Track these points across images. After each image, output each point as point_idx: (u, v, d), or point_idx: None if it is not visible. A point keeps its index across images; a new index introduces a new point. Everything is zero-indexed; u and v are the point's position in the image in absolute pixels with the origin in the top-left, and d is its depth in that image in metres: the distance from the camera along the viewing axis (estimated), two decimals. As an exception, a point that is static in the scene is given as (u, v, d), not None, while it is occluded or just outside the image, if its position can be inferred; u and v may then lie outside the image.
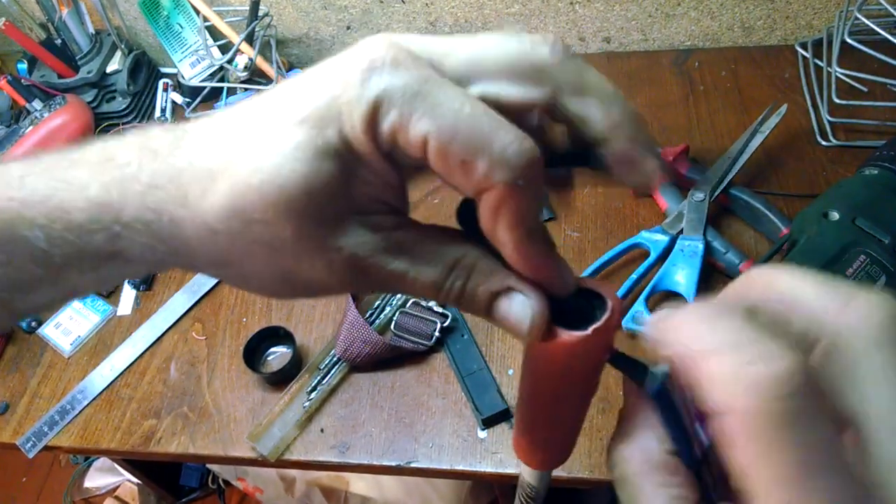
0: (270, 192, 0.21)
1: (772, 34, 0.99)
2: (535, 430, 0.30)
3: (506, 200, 0.21)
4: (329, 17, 1.07)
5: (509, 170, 0.21)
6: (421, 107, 0.21)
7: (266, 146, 0.21)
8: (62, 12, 1.00)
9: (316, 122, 0.21)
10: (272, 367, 0.79)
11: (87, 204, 0.23)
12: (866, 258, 0.62)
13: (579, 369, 0.25)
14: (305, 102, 0.22)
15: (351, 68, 0.21)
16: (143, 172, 0.23)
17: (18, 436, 0.78)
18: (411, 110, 0.21)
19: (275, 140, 0.21)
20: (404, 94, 0.21)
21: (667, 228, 0.77)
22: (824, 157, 0.85)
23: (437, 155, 0.21)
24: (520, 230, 0.22)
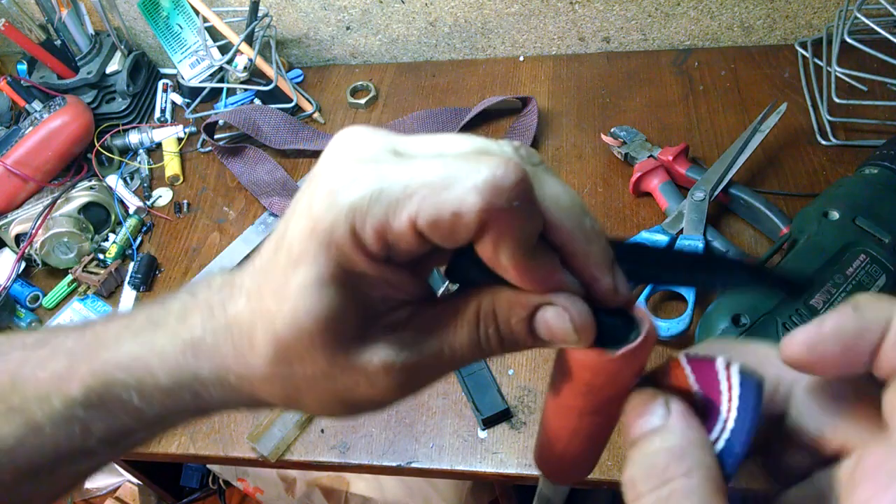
0: (294, 335, 0.23)
1: (771, 33, 0.99)
2: (558, 444, 0.30)
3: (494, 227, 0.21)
4: (328, 18, 1.07)
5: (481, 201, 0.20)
6: (392, 200, 0.21)
7: (279, 294, 0.23)
8: (62, 13, 1.00)
9: (308, 259, 0.22)
10: (272, 367, 0.79)
11: (170, 369, 0.26)
12: (866, 257, 0.62)
13: (606, 389, 0.25)
14: (294, 242, 0.23)
15: (317, 195, 0.22)
16: (207, 333, 0.25)
17: (19, 437, 0.78)
18: (384, 209, 0.21)
19: (283, 287, 0.23)
20: (371, 198, 0.21)
21: (667, 228, 0.77)
22: (824, 156, 0.85)
23: (431, 230, 0.21)
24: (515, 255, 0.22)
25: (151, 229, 0.96)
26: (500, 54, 1.09)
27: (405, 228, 0.21)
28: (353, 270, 0.23)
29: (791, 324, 0.59)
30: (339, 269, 0.22)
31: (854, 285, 0.61)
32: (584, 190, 0.88)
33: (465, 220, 0.21)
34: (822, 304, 0.60)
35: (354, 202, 0.21)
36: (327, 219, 0.22)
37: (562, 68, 1.04)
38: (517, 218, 0.21)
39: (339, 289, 0.23)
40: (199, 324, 0.25)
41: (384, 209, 0.21)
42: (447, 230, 0.21)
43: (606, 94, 0.98)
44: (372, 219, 0.21)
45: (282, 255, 0.23)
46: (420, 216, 0.21)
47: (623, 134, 0.89)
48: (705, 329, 0.63)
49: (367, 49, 1.11)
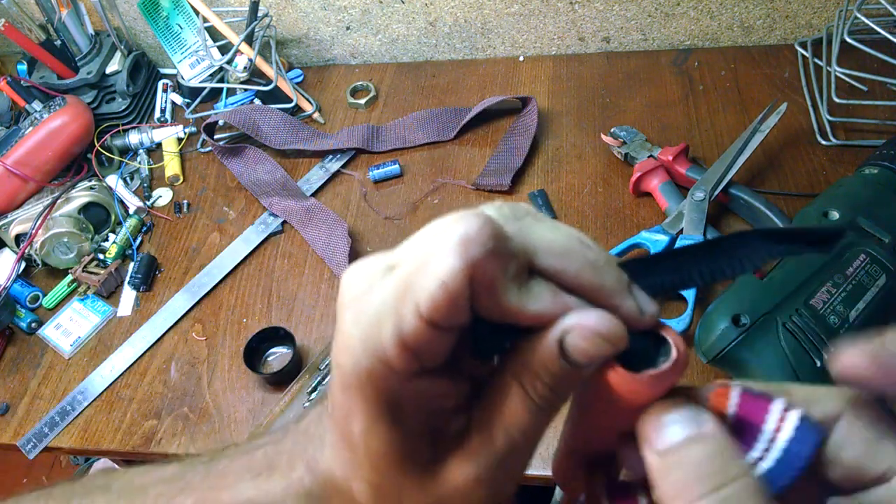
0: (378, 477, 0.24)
1: (771, 33, 0.99)
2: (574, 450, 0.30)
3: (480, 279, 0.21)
4: (328, 18, 1.07)
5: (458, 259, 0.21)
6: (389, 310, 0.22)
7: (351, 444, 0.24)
8: (62, 13, 1.00)
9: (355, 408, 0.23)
10: (272, 367, 0.79)
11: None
12: (866, 257, 0.62)
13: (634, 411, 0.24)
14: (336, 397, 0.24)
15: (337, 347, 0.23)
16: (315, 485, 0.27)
17: (19, 437, 0.78)
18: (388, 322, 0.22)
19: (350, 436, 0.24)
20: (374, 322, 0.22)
21: (667, 228, 0.77)
22: (824, 156, 0.85)
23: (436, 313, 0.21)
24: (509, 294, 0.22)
25: (151, 229, 0.96)
26: (499, 54, 1.09)
27: (415, 326, 0.21)
28: (396, 396, 0.23)
29: (791, 324, 0.59)
30: (384, 402, 0.23)
31: (854, 285, 0.61)
32: (584, 190, 0.88)
33: (455, 284, 0.21)
34: (822, 305, 0.60)
35: (363, 336, 0.22)
36: (349, 365, 0.22)
37: (562, 68, 1.04)
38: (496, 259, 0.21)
39: (393, 420, 0.23)
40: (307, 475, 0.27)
41: (388, 323, 0.22)
42: (447, 305, 0.21)
43: (606, 94, 0.98)
44: (385, 338, 0.22)
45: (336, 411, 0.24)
46: (420, 305, 0.21)
47: (623, 134, 0.89)
48: (705, 329, 0.63)
49: (367, 49, 1.11)
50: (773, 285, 0.62)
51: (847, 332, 0.59)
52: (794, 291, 0.61)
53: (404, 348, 0.22)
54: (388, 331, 0.22)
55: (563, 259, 0.23)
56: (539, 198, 0.87)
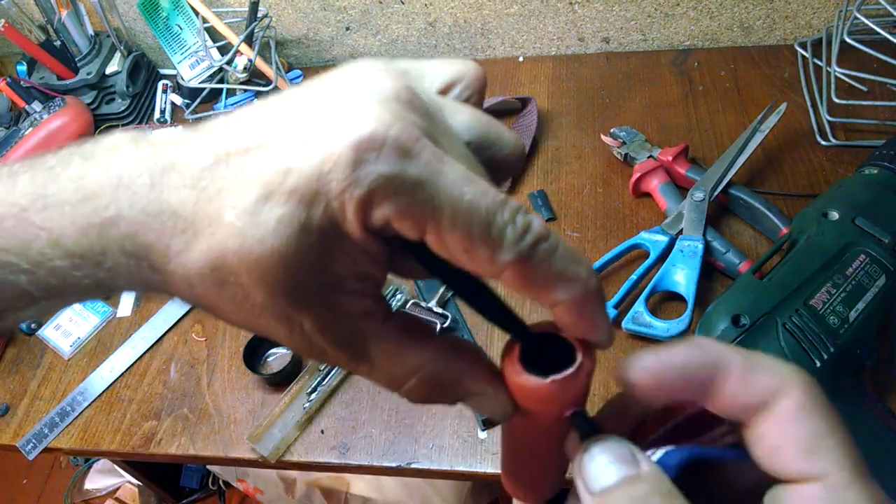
0: (248, 260, 0.21)
1: (771, 34, 0.99)
2: (511, 466, 0.30)
3: (522, 275, 0.21)
4: (328, 18, 1.07)
5: (512, 251, 0.21)
6: (418, 199, 0.20)
7: (250, 212, 0.21)
8: (61, 14, 1.00)
9: (303, 197, 0.20)
10: (272, 368, 0.79)
11: (68, 253, 0.22)
12: (866, 258, 0.62)
13: (541, 414, 0.25)
14: (294, 169, 0.20)
15: (344, 140, 0.20)
16: (122, 218, 0.22)
17: (18, 438, 0.78)
18: (408, 203, 0.20)
19: (260, 207, 0.21)
20: (399, 186, 0.20)
21: (666, 228, 0.77)
22: (824, 156, 0.85)
23: (436, 242, 0.21)
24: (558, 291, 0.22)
25: (151, 230, 0.96)
26: (499, 55, 1.09)
27: (413, 229, 0.21)
28: (342, 230, 0.21)
29: (791, 324, 0.59)
30: (329, 224, 0.21)
31: (854, 285, 0.61)
32: (583, 190, 0.88)
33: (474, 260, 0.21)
34: (822, 305, 0.60)
35: (387, 176, 0.20)
36: (346, 172, 0.20)
37: (561, 68, 1.04)
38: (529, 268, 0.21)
39: (317, 240, 0.21)
40: (113, 205, 0.22)
41: (405, 203, 0.20)
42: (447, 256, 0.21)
43: (606, 95, 0.98)
44: (391, 204, 0.20)
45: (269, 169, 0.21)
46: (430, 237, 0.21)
47: (623, 134, 0.89)
48: (705, 330, 0.63)
49: (367, 50, 1.11)
50: (773, 285, 0.62)
51: (847, 333, 0.59)
52: (793, 292, 0.61)
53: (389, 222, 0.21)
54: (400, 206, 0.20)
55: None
56: (539, 198, 0.87)
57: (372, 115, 0.20)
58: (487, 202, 0.20)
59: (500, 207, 0.21)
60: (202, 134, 0.23)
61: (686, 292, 0.71)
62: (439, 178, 0.20)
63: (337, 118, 0.21)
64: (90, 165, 0.23)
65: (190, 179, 0.22)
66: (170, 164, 0.22)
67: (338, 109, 0.21)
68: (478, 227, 0.20)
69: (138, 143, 0.23)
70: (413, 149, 0.20)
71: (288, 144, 0.21)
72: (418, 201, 0.20)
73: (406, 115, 0.21)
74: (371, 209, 0.20)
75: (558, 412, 0.24)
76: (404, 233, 0.21)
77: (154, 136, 0.23)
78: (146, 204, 0.22)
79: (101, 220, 0.22)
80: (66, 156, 0.23)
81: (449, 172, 0.20)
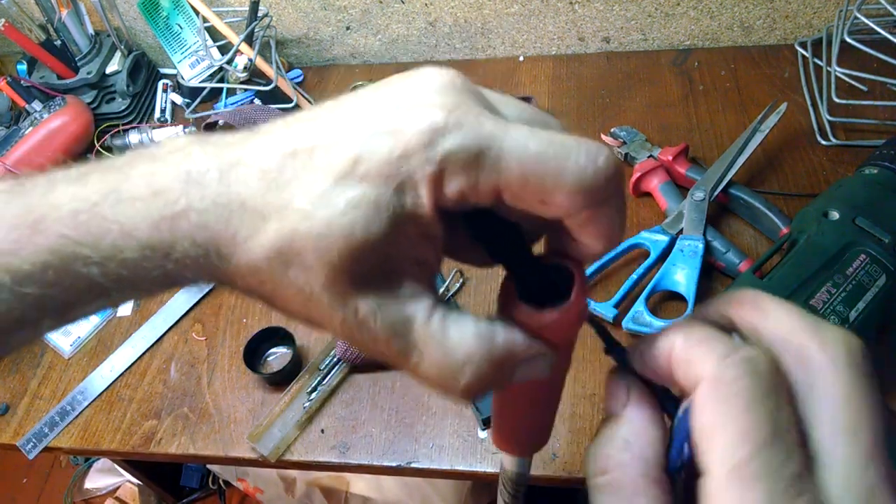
0: (316, 241, 0.22)
1: (771, 33, 0.99)
2: (506, 413, 0.31)
3: (591, 220, 0.22)
4: (328, 18, 1.07)
5: (588, 195, 0.21)
6: (488, 163, 0.21)
7: (321, 195, 0.22)
8: (62, 13, 1.00)
9: (374, 181, 0.21)
10: (272, 367, 0.79)
11: (139, 244, 0.23)
12: (866, 257, 0.62)
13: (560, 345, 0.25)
14: (366, 156, 0.22)
15: (413, 127, 0.21)
16: (192, 210, 0.23)
17: (19, 437, 0.78)
18: (479, 169, 0.21)
19: (330, 191, 0.22)
20: (469, 155, 0.21)
21: (667, 228, 0.77)
22: (824, 156, 0.85)
23: (513, 200, 0.22)
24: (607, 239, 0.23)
25: (151, 229, 0.96)
26: (499, 54, 1.09)
27: (488, 194, 0.22)
28: (414, 213, 0.22)
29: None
30: (401, 207, 0.22)
31: (854, 285, 0.61)
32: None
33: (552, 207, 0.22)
34: (822, 305, 0.60)
35: (456, 149, 0.21)
36: (420, 155, 0.21)
37: (562, 68, 1.04)
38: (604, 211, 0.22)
39: (386, 224, 0.22)
40: (183, 199, 0.23)
41: (477, 171, 0.21)
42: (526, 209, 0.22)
43: (606, 94, 0.98)
44: (463, 175, 0.21)
45: (340, 158, 0.22)
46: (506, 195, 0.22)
47: (623, 134, 0.89)
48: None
49: (367, 49, 1.11)
50: (773, 285, 0.62)
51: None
52: (794, 291, 0.61)
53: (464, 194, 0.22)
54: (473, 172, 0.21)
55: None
56: (539, 198, 0.87)
57: (436, 103, 0.22)
58: (556, 150, 0.21)
59: (572, 150, 0.21)
60: (266, 135, 0.24)
61: (686, 292, 0.71)
62: (503, 140, 0.21)
63: (402, 109, 0.22)
64: (159, 164, 0.24)
65: (258, 172, 0.23)
66: (236, 159, 0.23)
67: (402, 102, 0.22)
68: (549, 179, 0.21)
69: (204, 144, 0.24)
70: (475, 123, 0.21)
71: (356, 137, 0.22)
72: (487, 165, 0.21)
73: (465, 97, 0.22)
74: (444, 184, 0.22)
75: (574, 335, 0.25)
76: (479, 201, 0.22)
77: (218, 137, 0.24)
78: (216, 196, 0.23)
79: (172, 213, 0.23)
80: (132, 158, 0.24)
81: (512, 132, 0.21)
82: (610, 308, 0.73)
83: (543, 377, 0.25)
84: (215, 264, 0.23)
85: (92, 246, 0.23)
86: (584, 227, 0.23)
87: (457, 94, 0.22)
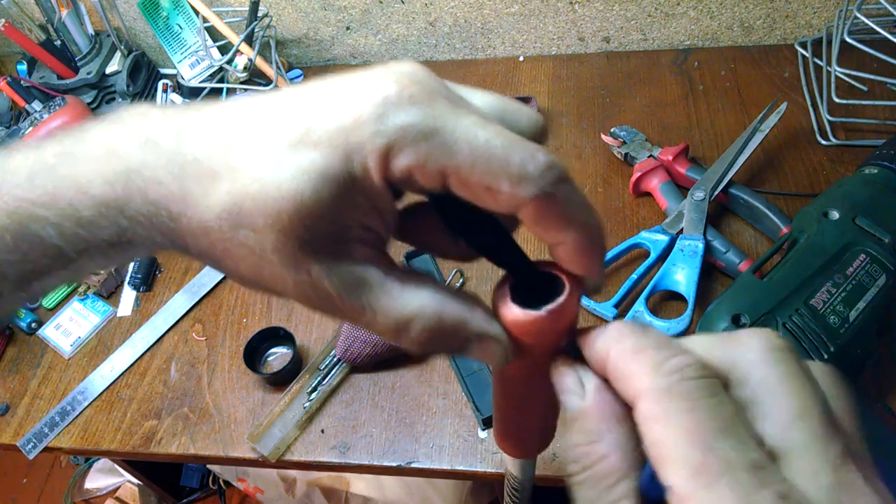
0: (265, 204, 0.22)
1: (771, 33, 0.99)
2: (508, 417, 0.31)
3: (542, 211, 0.22)
4: (328, 18, 1.07)
5: (533, 185, 0.22)
6: (437, 144, 0.21)
7: (272, 159, 0.22)
8: (62, 13, 1.00)
9: (325, 149, 0.22)
10: (272, 367, 0.79)
11: (94, 202, 0.24)
12: (866, 257, 0.62)
13: (537, 349, 0.26)
14: (317, 123, 0.22)
15: (366, 100, 0.22)
16: (146, 167, 0.23)
17: (19, 437, 0.78)
18: (428, 149, 0.21)
19: (281, 155, 0.22)
20: (419, 133, 0.21)
21: (667, 228, 0.77)
22: (824, 156, 0.85)
23: (459, 186, 0.22)
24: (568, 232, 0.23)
25: (151, 229, 0.96)
26: (499, 54, 1.09)
27: (435, 176, 0.22)
28: (361, 182, 0.22)
29: (791, 324, 0.59)
30: (348, 175, 0.22)
31: (854, 285, 0.61)
32: (584, 190, 0.87)
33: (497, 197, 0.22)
34: (822, 305, 0.60)
35: (407, 125, 0.21)
36: (370, 126, 0.22)
37: (562, 68, 1.04)
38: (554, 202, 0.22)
39: (334, 190, 0.22)
40: (137, 155, 0.24)
41: (426, 150, 0.21)
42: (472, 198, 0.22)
43: (606, 94, 0.98)
44: (411, 152, 0.22)
45: (293, 126, 0.22)
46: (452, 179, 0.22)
47: (623, 134, 0.89)
48: (706, 329, 0.63)
49: (367, 49, 1.11)
50: (774, 285, 0.62)
51: (847, 332, 0.59)
52: (794, 291, 0.61)
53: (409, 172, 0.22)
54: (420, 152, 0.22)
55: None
56: (539, 198, 0.87)
57: (392, 79, 0.22)
58: (503, 141, 0.22)
59: (518, 145, 0.22)
60: (228, 103, 0.24)
61: (686, 292, 0.71)
62: (456, 125, 0.22)
63: (359, 84, 0.23)
64: (117, 127, 0.25)
65: (215, 134, 0.23)
66: (194, 122, 0.24)
67: (360, 80, 0.23)
68: (497, 163, 0.21)
69: (164, 109, 0.25)
70: (430, 103, 0.22)
71: (311, 107, 0.23)
72: (435, 148, 0.21)
73: (424, 78, 0.23)
74: (392, 158, 0.22)
75: (553, 344, 0.25)
76: (426, 183, 0.22)
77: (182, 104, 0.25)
78: (170, 154, 0.23)
79: (126, 169, 0.24)
80: (91, 124, 0.25)
81: (464, 119, 0.22)
82: (610, 308, 0.73)
83: (497, 365, 0.26)
84: (167, 223, 0.24)
85: (48, 206, 0.24)
86: (537, 222, 0.23)
87: (416, 77, 0.23)
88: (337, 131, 0.22)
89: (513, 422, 0.31)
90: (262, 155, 0.22)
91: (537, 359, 0.26)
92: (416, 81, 0.22)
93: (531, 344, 0.25)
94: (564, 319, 0.24)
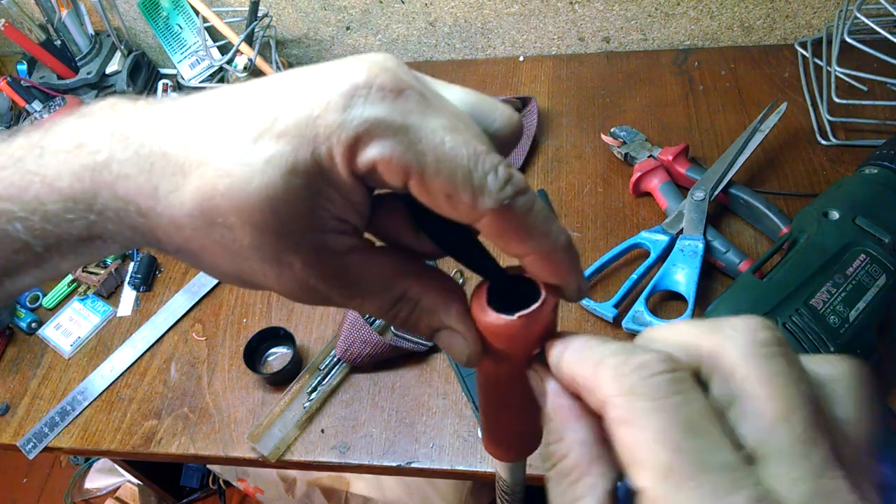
0: (236, 200, 0.21)
1: (771, 33, 0.99)
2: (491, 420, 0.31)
3: (500, 223, 0.22)
4: (328, 18, 1.07)
5: (491, 198, 0.21)
6: (403, 142, 0.21)
7: (239, 152, 0.22)
8: (62, 13, 1.00)
9: (292, 139, 0.21)
10: (272, 367, 0.79)
11: (61, 196, 0.23)
12: (866, 257, 0.62)
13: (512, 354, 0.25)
14: (284, 114, 0.22)
15: (334, 89, 0.21)
16: (114, 161, 0.23)
17: (19, 437, 0.78)
18: (393, 146, 0.21)
19: (248, 148, 0.22)
20: (387, 127, 0.21)
21: (667, 228, 0.77)
22: (824, 156, 0.85)
23: (419, 189, 0.22)
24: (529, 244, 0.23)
25: (151, 229, 0.96)
26: (499, 54, 1.09)
27: (397, 174, 0.21)
28: (329, 173, 0.22)
29: (791, 324, 0.59)
30: (316, 166, 0.22)
31: (854, 285, 0.61)
32: (584, 190, 0.88)
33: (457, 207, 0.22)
34: (822, 305, 0.60)
35: (374, 118, 0.21)
36: (337, 115, 0.21)
37: (562, 68, 1.04)
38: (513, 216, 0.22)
39: (304, 182, 0.22)
40: (106, 149, 0.23)
41: (391, 146, 0.21)
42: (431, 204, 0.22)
43: (606, 94, 0.98)
44: (377, 146, 0.21)
45: (261, 116, 0.22)
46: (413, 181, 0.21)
47: (623, 134, 0.89)
48: (705, 329, 0.63)
49: (367, 49, 1.11)
50: (774, 285, 0.62)
51: (847, 332, 0.59)
52: (794, 291, 0.61)
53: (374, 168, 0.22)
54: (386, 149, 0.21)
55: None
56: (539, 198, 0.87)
57: (362, 68, 0.22)
58: (469, 151, 0.21)
59: (483, 157, 0.21)
60: (197, 96, 0.24)
61: (686, 292, 0.71)
62: (423, 126, 0.21)
63: (328, 73, 0.22)
64: (86, 120, 0.24)
65: (183, 127, 0.23)
66: (163, 115, 0.23)
67: (329, 68, 0.22)
68: (459, 173, 0.21)
69: (135, 102, 0.24)
70: (399, 97, 0.21)
71: (279, 97, 0.22)
72: (401, 146, 0.21)
73: (395, 68, 0.22)
74: (357, 152, 0.21)
75: (527, 350, 0.25)
76: (389, 180, 0.22)
77: (150, 99, 0.25)
78: (138, 147, 0.23)
79: (94, 163, 0.23)
80: (60, 118, 0.25)
81: (432, 121, 0.21)
82: (610, 308, 0.73)
83: (461, 363, 0.26)
84: (136, 218, 0.24)
85: (15, 199, 0.23)
86: (497, 235, 0.23)
87: (387, 67, 0.22)
88: (305, 120, 0.21)
89: (495, 425, 0.31)
90: (230, 147, 0.22)
91: (514, 363, 0.26)
92: (387, 70, 0.22)
93: (504, 348, 0.25)
94: (537, 326, 0.24)
